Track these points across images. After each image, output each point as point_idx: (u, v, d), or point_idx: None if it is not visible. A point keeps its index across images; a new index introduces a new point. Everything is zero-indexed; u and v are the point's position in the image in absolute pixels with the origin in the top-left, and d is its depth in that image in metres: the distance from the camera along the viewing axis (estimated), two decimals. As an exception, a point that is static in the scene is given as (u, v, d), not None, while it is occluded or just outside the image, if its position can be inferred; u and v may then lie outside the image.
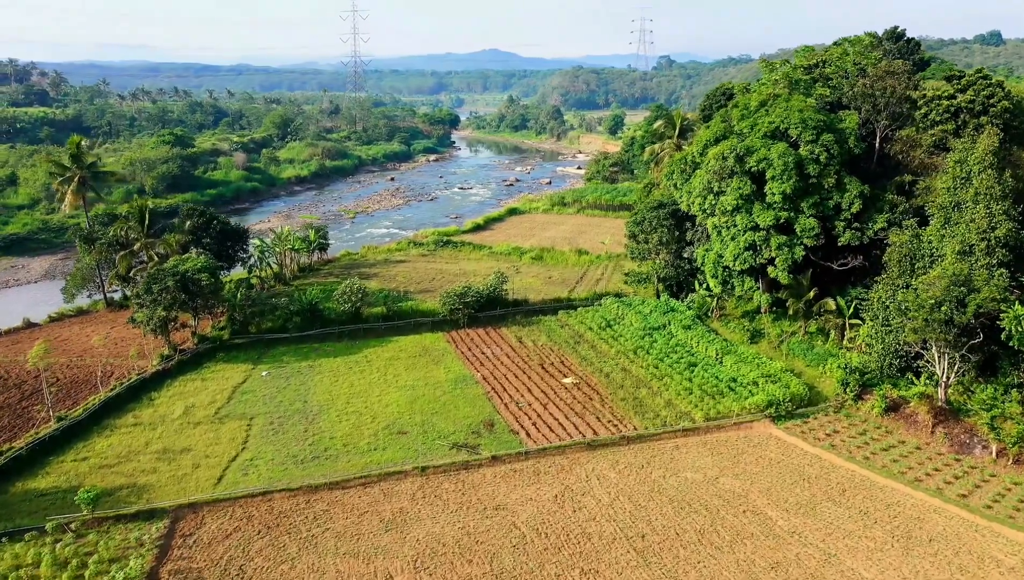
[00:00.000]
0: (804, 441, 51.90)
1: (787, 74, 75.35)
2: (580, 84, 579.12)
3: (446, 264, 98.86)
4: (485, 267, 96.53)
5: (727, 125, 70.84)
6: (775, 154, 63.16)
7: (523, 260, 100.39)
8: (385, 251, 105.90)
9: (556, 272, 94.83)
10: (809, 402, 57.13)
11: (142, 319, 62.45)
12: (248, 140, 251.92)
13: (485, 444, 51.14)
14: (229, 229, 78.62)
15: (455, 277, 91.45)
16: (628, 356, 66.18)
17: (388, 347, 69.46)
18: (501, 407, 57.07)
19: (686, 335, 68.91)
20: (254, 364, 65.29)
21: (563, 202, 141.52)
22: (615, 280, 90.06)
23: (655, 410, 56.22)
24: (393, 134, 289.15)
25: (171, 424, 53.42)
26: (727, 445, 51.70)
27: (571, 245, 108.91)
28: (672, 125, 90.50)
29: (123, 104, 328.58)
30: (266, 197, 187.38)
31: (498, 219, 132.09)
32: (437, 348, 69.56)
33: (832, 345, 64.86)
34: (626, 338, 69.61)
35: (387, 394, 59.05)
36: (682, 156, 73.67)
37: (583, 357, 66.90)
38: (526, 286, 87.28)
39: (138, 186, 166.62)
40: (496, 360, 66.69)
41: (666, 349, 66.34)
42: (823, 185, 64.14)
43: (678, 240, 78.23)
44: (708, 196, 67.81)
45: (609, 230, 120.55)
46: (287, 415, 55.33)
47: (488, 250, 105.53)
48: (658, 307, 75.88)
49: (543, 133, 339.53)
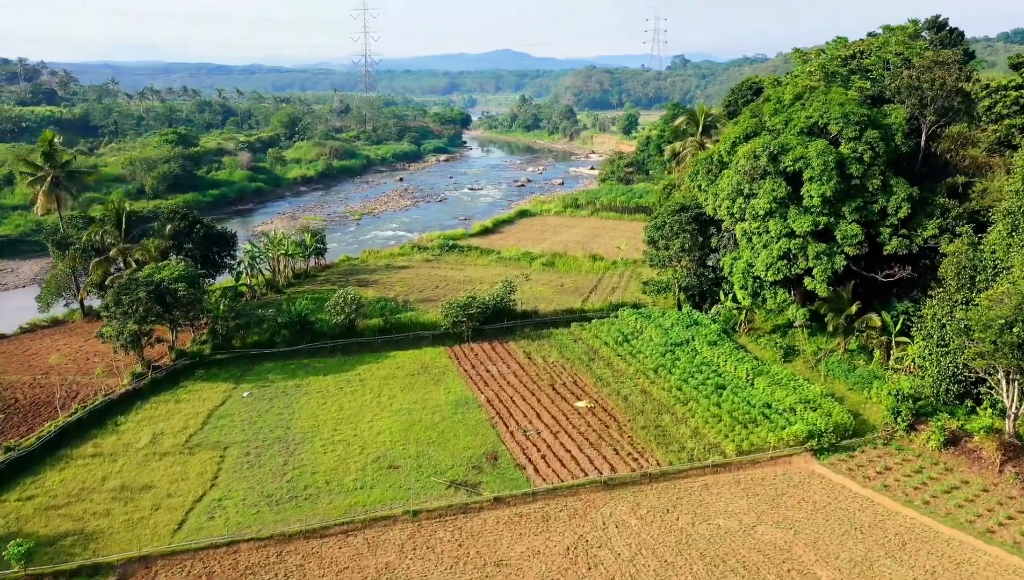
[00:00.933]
0: (852, 480, 45.31)
1: (823, 65, 68.65)
2: (593, 84, 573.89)
3: (451, 270, 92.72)
4: (492, 274, 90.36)
5: (758, 121, 64.30)
6: (813, 152, 56.58)
7: (533, 266, 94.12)
8: (387, 256, 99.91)
9: (568, 279, 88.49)
10: (854, 432, 50.47)
11: (111, 334, 56.64)
12: (255, 139, 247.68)
13: (487, 482, 44.90)
14: (214, 233, 72.77)
15: (460, 285, 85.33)
16: (648, 376, 59.78)
17: (384, 364, 63.35)
18: (507, 435, 50.80)
19: (712, 352, 62.40)
20: (236, 382, 59.35)
21: (576, 204, 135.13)
22: (632, 289, 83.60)
23: (680, 441, 49.79)
24: (403, 134, 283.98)
25: (135, 455, 47.49)
26: (764, 484, 45.21)
27: (585, 250, 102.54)
28: (695, 122, 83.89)
29: (130, 103, 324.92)
30: (271, 198, 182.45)
31: (508, 221, 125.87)
32: (438, 365, 63.40)
33: (876, 365, 58.15)
34: (645, 355, 63.21)
35: (379, 419, 52.91)
36: (707, 155, 67.19)
37: (598, 376, 60.56)
38: (536, 295, 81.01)
39: (138, 186, 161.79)
40: (502, 379, 60.45)
41: (690, 368, 59.88)
42: (867, 187, 57.47)
43: (701, 246, 71.73)
44: (737, 199, 61.28)
45: (625, 234, 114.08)
46: (266, 444, 49.29)
47: (496, 255, 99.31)
48: (680, 320, 69.39)
49: (556, 133, 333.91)
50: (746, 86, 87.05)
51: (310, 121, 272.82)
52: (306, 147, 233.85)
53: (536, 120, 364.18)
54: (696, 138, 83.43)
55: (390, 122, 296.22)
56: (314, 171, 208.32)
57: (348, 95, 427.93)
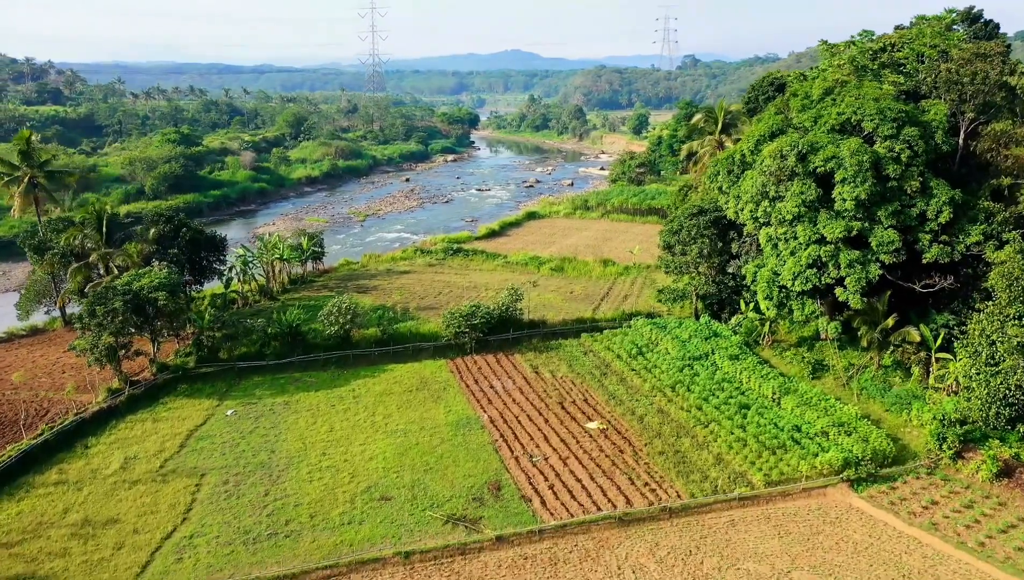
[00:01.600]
0: (896, 516, 40.65)
1: (853, 58, 63.88)
2: (603, 84, 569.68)
3: (455, 275, 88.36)
4: (498, 279, 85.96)
5: (784, 117, 59.64)
6: (846, 151, 51.87)
7: (541, 271, 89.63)
8: (388, 260, 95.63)
9: (579, 286, 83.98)
10: (894, 460, 45.77)
11: (84, 347, 52.48)
12: (260, 139, 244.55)
13: (489, 516, 40.46)
14: (202, 238, 68.55)
15: (464, 291, 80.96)
16: (665, 393, 55.21)
17: (380, 378, 58.99)
18: (511, 462, 46.34)
19: (734, 367, 57.75)
20: (220, 399, 55.12)
21: (586, 205, 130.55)
22: (646, 296, 79.01)
23: (702, 469, 45.20)
24: (410, 133, 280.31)
25: (103, 483, 43.29)
26: (797, 520, 40.60)
27: (595, 254, 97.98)
28: (713, 119, 79.14)
29: (136, 103, 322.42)
30: (274, 198, 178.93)
31: (515, 224, 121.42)
32: (438, 380, 59.00)
33: (915, 384, 53.37)
34: (662, 370, 58.64)
35: (373, 442, 48.54)
36: (728, 154, 62.52)
37: (611, 393, 56.02)
38: (544, 303, 76.53)
39: (138, 187, 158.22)
40: (507, 396, 55.99)
41: (711, 385, 55.27)
42: (904, 189, 52.70)
43: (721, 252, 67.12)
44: (762, 202, 56.60)
45: (637, 237, 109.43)
46: (247, 471, 44.99)
47: (503, 260, 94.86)
48: (698, 331, 64.78)
49: (565, 133, 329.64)
50: (767, 82, 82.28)
51: (316, 121, 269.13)
52: (311, 147, 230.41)
53: (545, 120, 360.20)
54: (715, 137, 78.66)
55: (397, 122, 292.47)
56: (319, 171, 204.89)
57: (356, 95, 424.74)
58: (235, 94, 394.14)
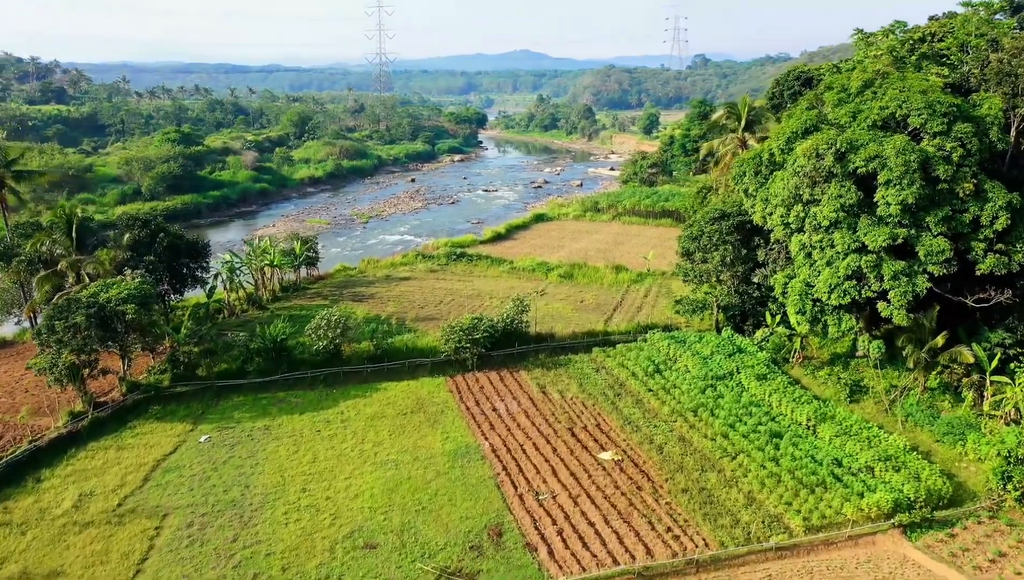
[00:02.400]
0: (959, 572, 35.07)
1: (891, 48, 58.28)
2: (612, 83, 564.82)
3: (458, 282, 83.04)
4: (504, 286, 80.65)
5: (818, 113, 54.02)
6: (891, 150, 46.29)
7: (549, 278, 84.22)
8: (387, 265, 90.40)
9: (589, 294, 78.51)
10: (950, 501, 40.23)
11: (43, 366, 47.42)
12: (263, 139, 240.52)
13: (488, 570, 35.11)
14: (182, 243, 63.39)
15: (467, 300, 75.67)
16: (686, 418, 49.74)
17: (372, 398, 53.76)
18: (514, 500, 41.01)
19: (762, 389, 52.20)
20: (195, 422, 49.99)
21: (596, 207, 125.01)
22: (661, 306, 73.51)
23: (731, 510, 39.75)
24: (417, 133, 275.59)
25: (50, 525, 38.21)
26: (844, 575, 35.09)
27: (606, 259, 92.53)
28: (736, 116, 73.43)
29: (140, 102, 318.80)
30: (276, 199, 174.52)
31: (522, 227, 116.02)
32: (436, 400, 53.71)
33: (967, 410, 47.72)
34: (682, 390, 53.16)
35: (360, 476, 43.29)
36: (755, 154, 56.96)
37: (626, 418, 50.57)
38: (553, 313, 71.16)
39: (134, 187, 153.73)
40: (511, 420, 50.64)
41: (737, 409, 49.77)
42: (956, 192, 47.11)
43: (745, 260, 61.63)
44: (795, 206, 51.03)
45: (650, 241, 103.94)
46: (216, 510, 39.83)
47: (508, 265, 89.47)
48: (721, 346, 59.26)
49: (574, 133, 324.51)
50: (792, 76, 76.58)
51: (321, 120, 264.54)
52: (315, 146, 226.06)
53: (554, 120, 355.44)
54: (738, 134, 72.94)
55: (404, 121, 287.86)
56: (322, 171, 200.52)
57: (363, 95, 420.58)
58: (240, 93, 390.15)
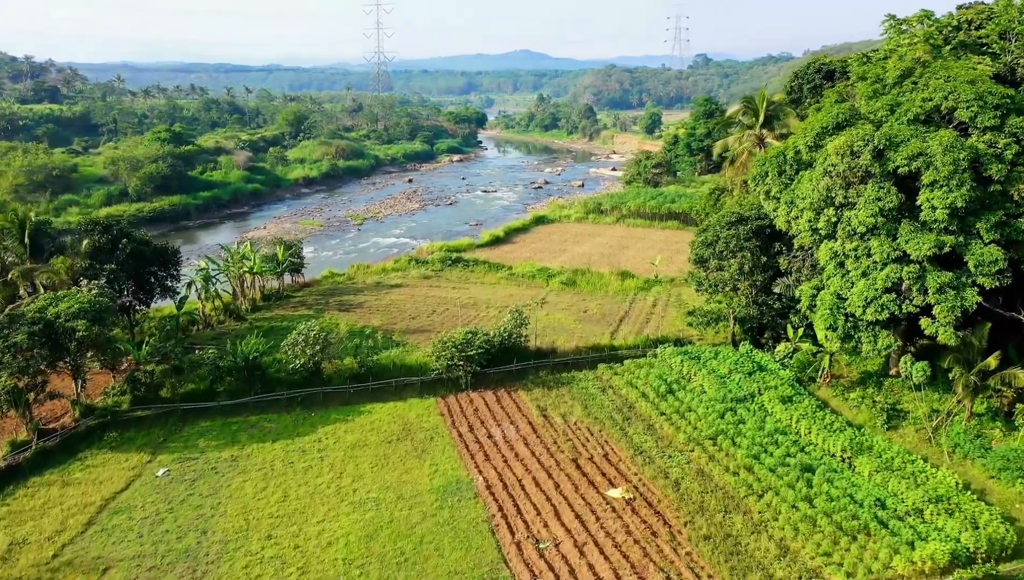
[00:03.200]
0: (1035, 644, 29.78)
1: (929, 36, 52.91)
2: (613, 83, 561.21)
3: (452, 290, 77.67)
4: (502, 295, 75.33)
5: (850, 106, 48.64)
6: (937, 147, 40.96)
7: (551, 286, 78.85)
8: (378, 272, 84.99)
9: (593, 303, 73.14)
10: (1014, 551, 34.87)
11: (-21, 390, 42.11)
12: (258, 138, 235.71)
13: (479, 641, 29.80)
14: (148, 250, 57.97)
15: (462, 309, 70.35)
16: (704, 447, 44.39)
17: (355, 424, 48.41)
18: (511, 550, 35.62)
19: (788, 413, 46.85)
20: (153, 452, 44.62)
21: (600, 209, 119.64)
22: (671, 316, 68.17)
23: (761, 563, 34.34)
24: (415, 133, 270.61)
25: (-30, 582, 32.97)
26: (899, 648, 29.76)
27: (611, 265, 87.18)
28: (753, 111, 67.78)
29: (134, 101, 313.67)
30: (269, 200, 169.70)
31: (522, 229, 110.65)
32: (425, 425, 48.36)
33: (1023, 441, 42.37)
34: (699, 415, 47.80)
35: (335, 519, 37.92)
36: (778, 152, 51.57)
37: (637, 446, 45.20)
38: (554, 324, 65.82)
39: (121, 188, 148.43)
40: (508, 449, 45.29)
41: (761, 438, 44.42)
42: (1010, 195, 41.82)
43: (765, 268, 56.34)
44: (826, 210, 45.67)
45: (656, 245, 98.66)
46: (166, 562, 34.46)
47: (507, 271, 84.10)
48: (739, 364, 53.88)
49: (575, 133, 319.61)
50: (812, 69, 71.40)
51: (317, 119, 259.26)
52: (311, 146, 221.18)
53: (554, 119, 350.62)
54: (755, 131, 67.46)
55: (402, 121, 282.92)
56: (317, 171, 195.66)
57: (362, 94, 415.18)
58: (237, 92, 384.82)
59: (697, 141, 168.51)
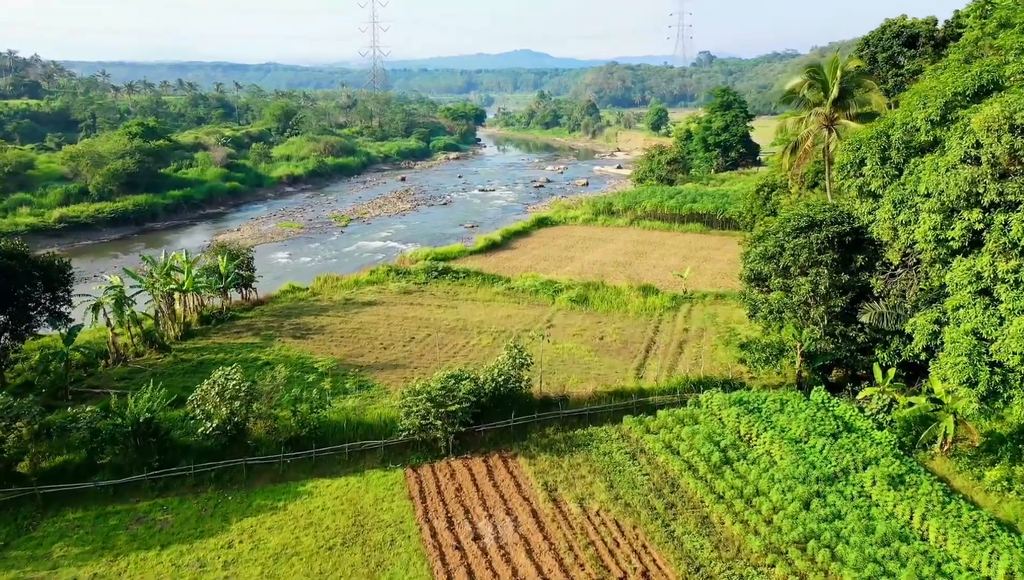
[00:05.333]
0: None
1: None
2: (615, 81, 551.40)
3: (437, 309, 63.50)
4: (498, 316, 61.22)
5: (999, 63, 34.45)
6: None
7: (557, 303, 64.69)
8: (349, 285, 70.64)
9: (611, 326, 58.93)
10: None
11: None
12: (243, 134, 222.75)
13: None
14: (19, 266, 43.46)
15: (448, 335, 56.21)
16: (790, 559, 30.16)
17: (285, 515, 34.17)
18: None
19: (902, 503, 32.57)
20: (-17, 568, 30.58)
21: (611, 210, 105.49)
22: (710, 343, 53.91)
23: None
24: (411, 130, 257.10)
25: None
26: None
27: (628, 276, 73.07)
28: (821, 83, 51.88)
29: (117, 96, 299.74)
30: (250, 199, 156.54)
31: (522, 233, 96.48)
32: (384, 519, 34.01)
33: None
34: (772, 502, 33.57)
35: None
36: (880, 131, 37.33)
37: (691, 558, 30.98)
38: (563, 356, 51.68)
39: (81, 186, 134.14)
40: (503, 560, 31.12)
41: (871, 545, 30.19)
42: None
43: (844, 288, 42.29)
44: (965, 211, 31.58)
45: (678, 251, 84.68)
46: None
47: (504, 285, 69.89)
48: (816, 420, 39.60)
49: (577, 130, 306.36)
50: (890, 33, 57.17)
51: (306, 115, 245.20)
52: (299, 143, 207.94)
53: (556, 117, 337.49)
54: (824, 110, 52.44)
55: (397, 117, 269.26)
56: (303, 169, 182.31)
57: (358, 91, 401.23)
58: (227, 89, 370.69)
59: (713, 135, 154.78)
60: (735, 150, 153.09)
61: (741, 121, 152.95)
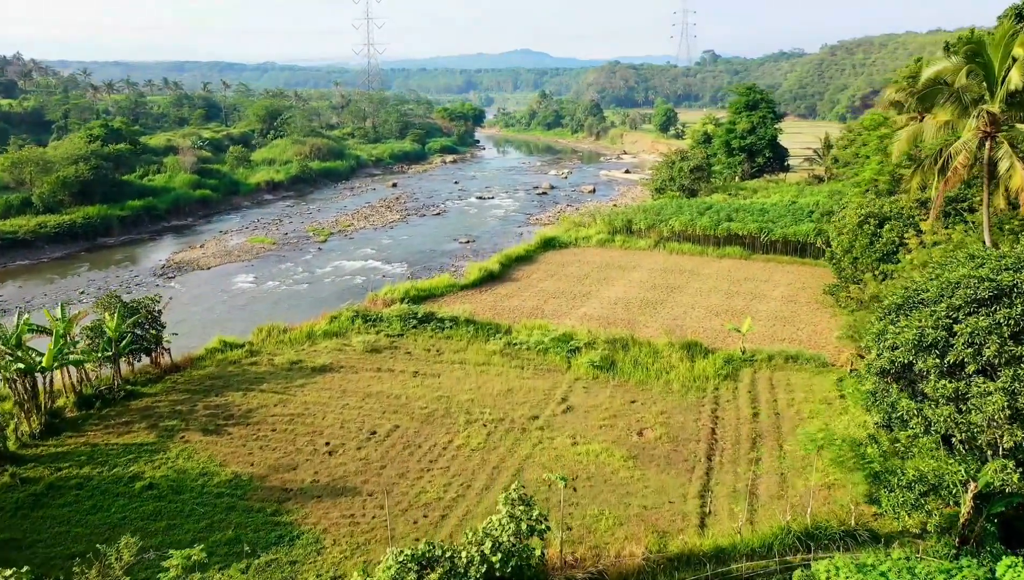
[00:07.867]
0: None
1: None
2: (617, 80, 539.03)
3: (412, 379, 46.71)
4: (495, 388, 44.62)
5: None
6: None
7: (574, 369, 47.92)
8: (300, 339, 53.50)
9: (650, 409, 42.27)
10: None
11: None
12: (223, 136, 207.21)
13: None
14: None
15: (425, 424, 39.59)
16: None
17: None
18: None
19: None
20: None
21: (630, 228, 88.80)
22: (795, 442, 37.34)
23: None
24: (406, 131, 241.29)
25: None
26: None
27: (664, 323, 56.56)
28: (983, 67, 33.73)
29: (96, 96, 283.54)
30: (223, 209, 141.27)
31: (525, 258, 79.78)
32: None
33: None
34: None
35: None
36: None
37: None
38: (589, 467, 35.13)
39: (25, 196, 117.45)
40: None
41: None
42: None
43: (1050, 397, 25.81)
44: None
45: (718, 283, 68.25)
46: None
47: (503, 339, 52.92)
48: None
49: (580, 131, 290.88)
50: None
51: (292, 115, 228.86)
52: (283, 145, 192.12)
53: (558, 117, 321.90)
54: (994, 108, 34.41)
55: (391, 118, 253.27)
56: (284, 174, 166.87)
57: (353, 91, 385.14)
58: (214, 88, 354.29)
59: (738, 139, 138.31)
60: (762, 155, 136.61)
61: (769, 122, 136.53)
